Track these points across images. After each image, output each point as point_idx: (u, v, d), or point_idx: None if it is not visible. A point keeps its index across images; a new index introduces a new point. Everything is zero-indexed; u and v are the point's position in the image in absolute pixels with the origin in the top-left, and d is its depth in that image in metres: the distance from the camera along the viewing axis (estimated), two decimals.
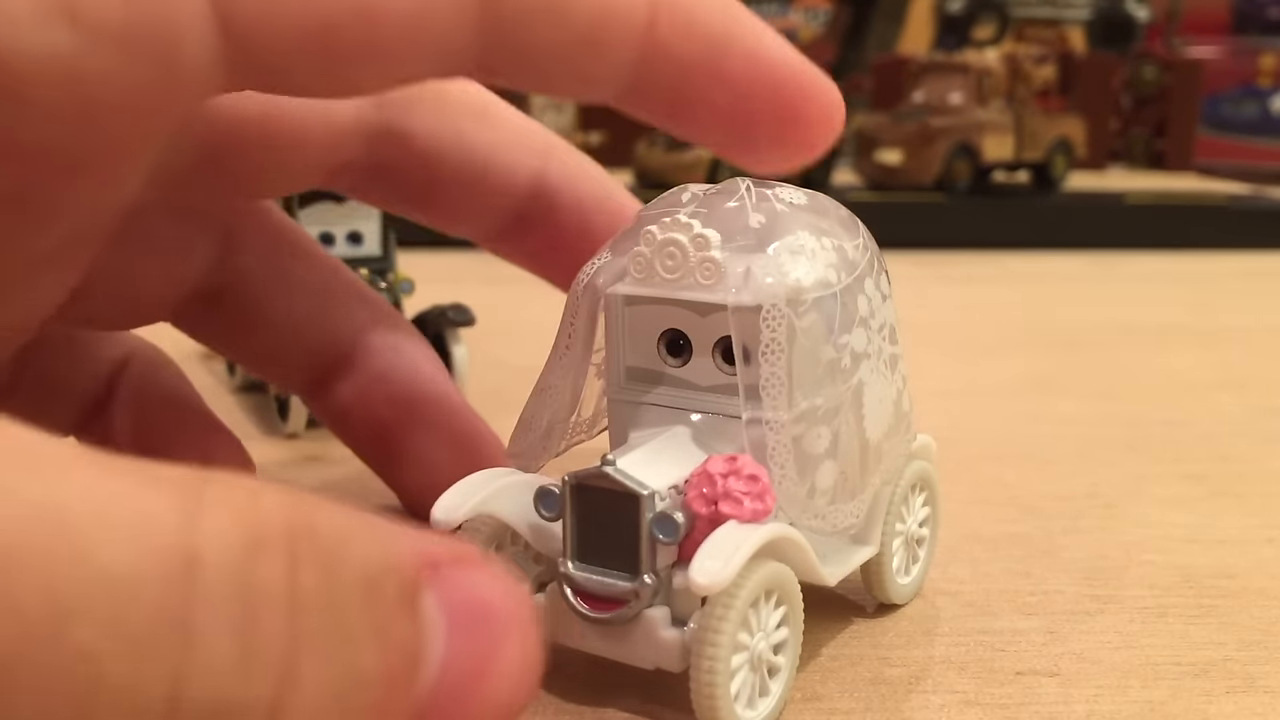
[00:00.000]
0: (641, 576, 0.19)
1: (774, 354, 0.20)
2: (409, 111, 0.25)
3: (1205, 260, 0.80)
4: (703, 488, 0.19)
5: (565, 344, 0.22)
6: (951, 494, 0.24)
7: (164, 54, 0.17)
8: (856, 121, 1.01)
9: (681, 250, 0.20)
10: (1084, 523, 0.30)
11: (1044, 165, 0.97)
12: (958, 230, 0.85)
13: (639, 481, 0.19)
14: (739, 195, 0.21)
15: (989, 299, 0.67)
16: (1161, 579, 0.27)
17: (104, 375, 0.27)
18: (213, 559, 0.12)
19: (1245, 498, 0.32)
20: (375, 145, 0.25)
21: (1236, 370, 0.49)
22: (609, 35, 0.21)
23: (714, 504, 0.19)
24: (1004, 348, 0.52)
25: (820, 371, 0.20)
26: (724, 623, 0.18)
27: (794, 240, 0.20)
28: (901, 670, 0.22)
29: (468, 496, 0.20)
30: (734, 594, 0.19)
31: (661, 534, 0.19)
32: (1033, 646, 0.23)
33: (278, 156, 0.23)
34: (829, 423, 0.21)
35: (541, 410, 0.22)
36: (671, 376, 0.22)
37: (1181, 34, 1.36)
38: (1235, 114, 1.29)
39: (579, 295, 0.21)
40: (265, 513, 0.13)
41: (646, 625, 0.19)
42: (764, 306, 0.20)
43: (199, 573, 0.12)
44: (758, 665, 0.19)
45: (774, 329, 0.20)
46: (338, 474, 0.29)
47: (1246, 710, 0.21)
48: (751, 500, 0.19)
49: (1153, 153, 1.31)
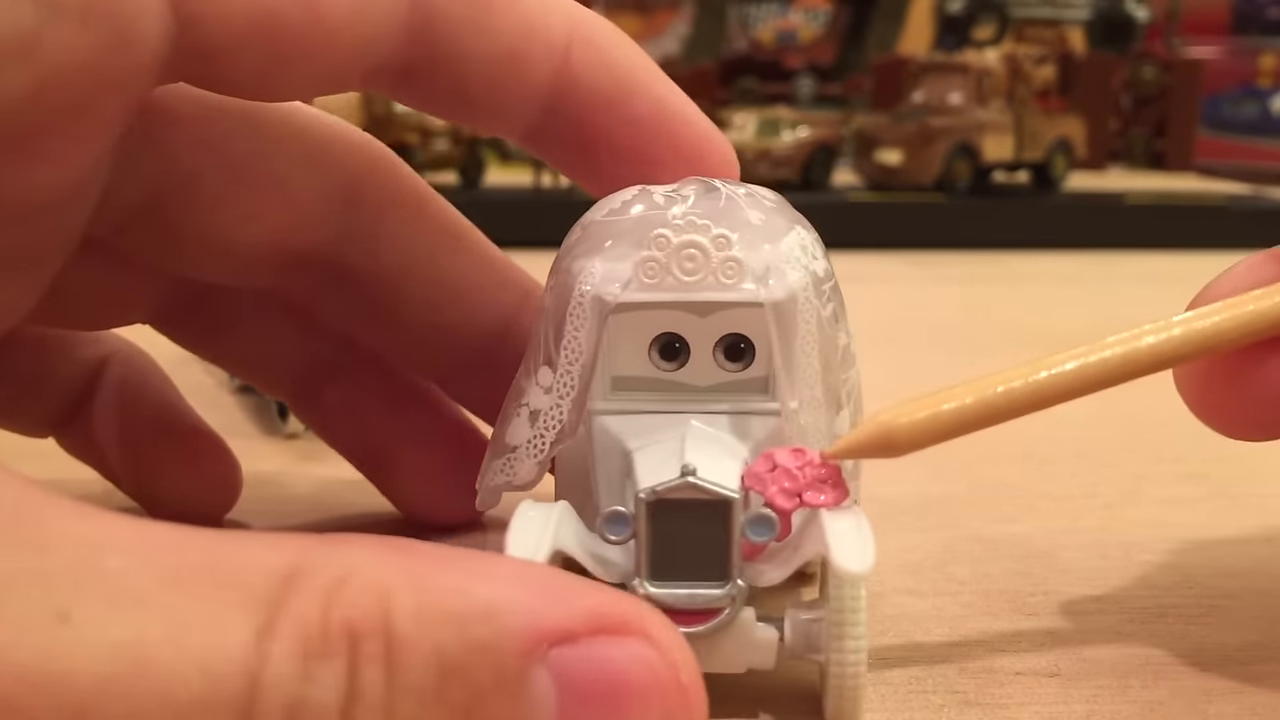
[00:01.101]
0: (735, 580, 0.19)
1: (809, 344, 0.20)
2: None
3: (1205, 260, 0.80)
4: (782, 481, 0.19)
5: (567, 361, 0.21)
6: (952, 494, 0.24)
7: (120, 29, 0.17)
8: (857, 121, 1.01)
9: (703, 251, 0.20)
10: (1084, 523, 0.30)
11: (1044, 165, 0.97)
12: (958, 230, 0.85)
13: (726, 486, 0.19)
14: (722, 193, 0.21)
15: (989, 299, 0.67)
16: (1161, 579, 0.27)
17: (82, 375, 0.27)
18: (270, 679, 0.12)
19: (1245, 498, 0.32)
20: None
21: None
22: (529, 55, 0.21)
23: (797, 496, 0.19)
24: (1004, 348, 0.52)
25: (840, 356, 0.22)
26: (860, 613, 0.18)
27: (796, 235, 0.21)
28: (902, 670, 0.22)
29: (538, 538, 0.18)
30: (859, 582, 0.19)
31: (755, 535, 0.19)
32: (1033, 646, 0.23)
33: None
34: (849, 405, 0.22)
35: (537, 435, 0.21)
36: (665, 381, 0.21)
37: (1181, 34, 1.36)
38: (1235, 114, 1.29)
39: (584, 308, 0.20)
40: (338, 615, 0.13)
41: (742, 627, 0.19)
42: (798, 299, 0.20)
43: (257, 695, 0.12)
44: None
45: (807, 320, 0.20)
46: (337, 475, 0.29)
47: (1246, 711, 0.21)
48: (832, 488, 0.19)
49: (1153, 153, 1.31)
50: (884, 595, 0.25)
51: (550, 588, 0.14)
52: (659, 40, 1.34)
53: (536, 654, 0.13)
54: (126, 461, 0.27)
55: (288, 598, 0.13)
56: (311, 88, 0.21)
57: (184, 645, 0.12)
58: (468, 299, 0.25)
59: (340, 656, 0.13)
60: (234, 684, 0.12)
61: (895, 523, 0.30)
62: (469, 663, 0.13)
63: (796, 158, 0.95)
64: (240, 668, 0.12)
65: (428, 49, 0.20)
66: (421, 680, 0.13)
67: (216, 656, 0.12)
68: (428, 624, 0.13)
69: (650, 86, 0.22)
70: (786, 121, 0.97)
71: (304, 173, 0.24)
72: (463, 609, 0.13)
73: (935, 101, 0.95)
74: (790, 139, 0.95)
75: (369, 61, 0.20)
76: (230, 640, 0.12)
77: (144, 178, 0.22)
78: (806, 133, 0.96)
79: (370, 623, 0.13)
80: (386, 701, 0.13)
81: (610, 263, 0.21)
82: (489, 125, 0.23)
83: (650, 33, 1.34)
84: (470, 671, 0.13)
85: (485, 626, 0.13)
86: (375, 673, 0.13)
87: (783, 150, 0.94)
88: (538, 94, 0.22)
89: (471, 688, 0.13)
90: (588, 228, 0.22)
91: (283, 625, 0.13)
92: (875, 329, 0.57)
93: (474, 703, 0.13)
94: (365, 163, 0.24)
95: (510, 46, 0.21)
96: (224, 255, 0.24)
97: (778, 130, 0.95)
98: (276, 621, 0.13)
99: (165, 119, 0.22)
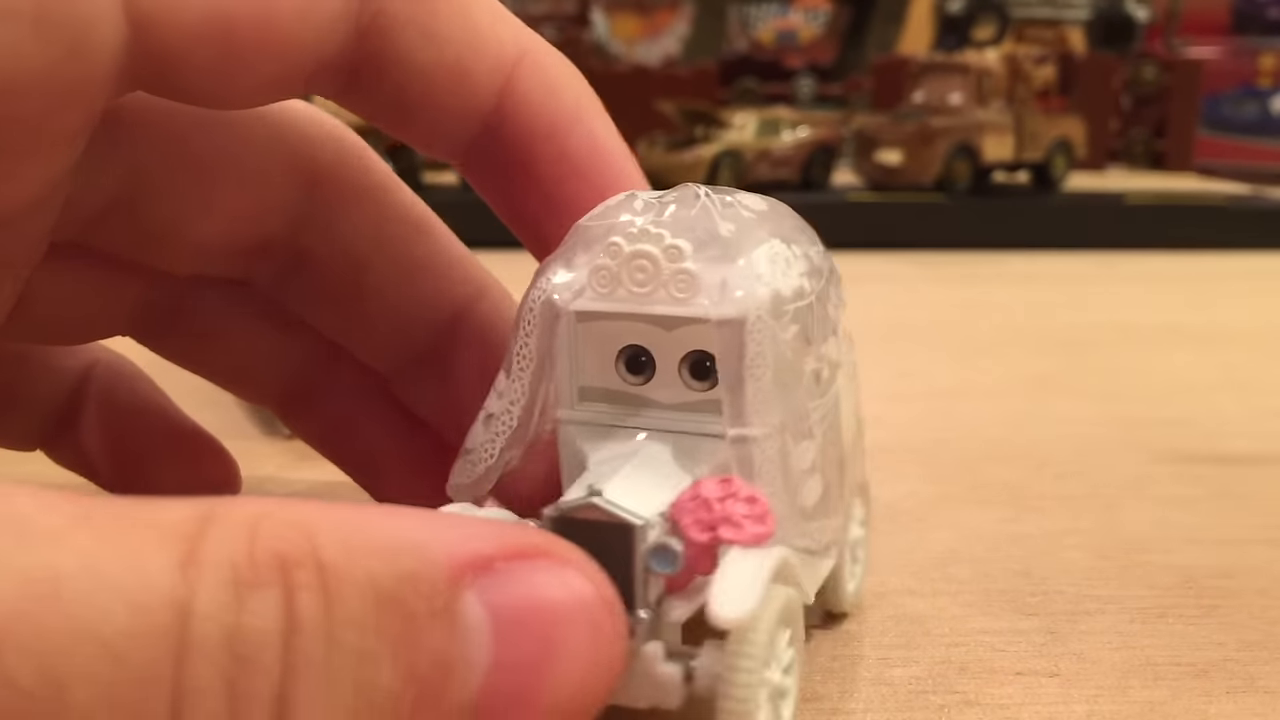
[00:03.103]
0: (636, 612, 0.18)
1: (760, 367, 0.19)
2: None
3: (1205, 260, 0.80)
4: (699, 513, 0.18)
5: (519, 367, 0.20)
6: (952, 494, 0.24)
7: (75, 37, 0.17)
8: (857, 121, 1.01)
9: (653, 262, 0.19)
10: (1084, 523, 0.30)
11: (1044, 165, 0.97)
12: (958, 230, 0.85)
13: (631, 511, 0.18)
14: (701, 202, 0.20)
15: (989, 299, 0.67)
16: (1161, 579, 0.27)
17: (66, 387, 0.27)
18: (203, 609, 0.12)
19: (1245, 498, 0.32)
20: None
21: (1236, 370, 0.49)
22: (474, 68, 0.21)
23: (712, 529, 0.18)
24: (1004, 348, 0.52)
25: (804, 383, 0.19)
26: (752, 660, 0.17)
27: (768, 249, 0.19)
28: (902, 670, 0.22)
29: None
30: (758, 626, 0.17)
31: (658, 565, 0.18)
32: (1033, 646, 0.23)
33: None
34: (813, 436, 0.20)
35: (490, 439, 0.21)
36: (632, 395, 0.20)
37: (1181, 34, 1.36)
38: (1235, 114, 1.29)
39: (534, 313, 0.20)
40: (262, 546, 0.13)
41: (644, 662, 0.18)
42: (748, 319, 0.18)
43: (190, 626, 0.12)
44: (775, 698, 0.18)
45: (759, 342, 0.19)
46: (337, 477, 0.29)
47: (1246, 710, 0.21)
48: (753, 524, 0.18)
49: (1153, 153, 1.31)
50: (884, 595, 0.25)
51: (463, 523, 0.15)
52: (659, 40, 1.34)
53: (464, 582, 0.14)
54: (119, 469, 0.27)
55: (207, 531, 0.13)
56: (265, 90, 0.20)
57: (102, 576, 0.12)
58: (420, 288, 0.25)
59: (274, 586, 0.13)
60: (163, 615, 0.12)
61: (895, 523, 0.30)
62: (401, 592, 0.13)
63: (796, 158, 0.95)
64: (167, 598, 0.12)
65: (373, 51, 0.20)
66: (360, 611, 0.13)
67: (139, 586, 0.12)
68: (356, 555, 0.13)
69: (590, 120, 0.22)
70: (786, 121, 0.97)
71: (265, 162, 0.23)
72: (387, 542, 0.13)
73: (935, 101, 0.95)
74: (790, 139, 0.95)
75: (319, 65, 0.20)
76: (151, 570, 0.12)
77: (107, 177, 0.22)
78: (806, 133, 0.96)
79: (299, 553, 0.13)
80: (328, 631, 0.13)
81: (572, 270, 0.20)
82: (429, 139, 0.22)
83: (650, 33, 1.34)
84: (404, 601, 0.13)
85: (411, 557, 0.13)
86: (312, 601, 0.13)
87: (783, 150, 0.94)
88: (480, 109, 0.21)
89: (407, 618, 0.13)
90: (574, 231, 0.21)
91: (206, 556, 0.12)
92: (875, 329, 0.57)
93: (411, 633, 0.13)
94: (328, 149, 0.24)
95: (456, 56, 0.21)
96: (186, 246, 0.24)
97: (778, 130, 0.95)
98: (199, 553, 0.12)
99: (126, 117, 0.22)
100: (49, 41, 0.17)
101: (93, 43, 0.17)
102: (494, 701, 0.14)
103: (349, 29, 0.20)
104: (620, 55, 1.32)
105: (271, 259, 0.24)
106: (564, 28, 1.24)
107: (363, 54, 0.20)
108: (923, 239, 0.84)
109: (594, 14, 1.32)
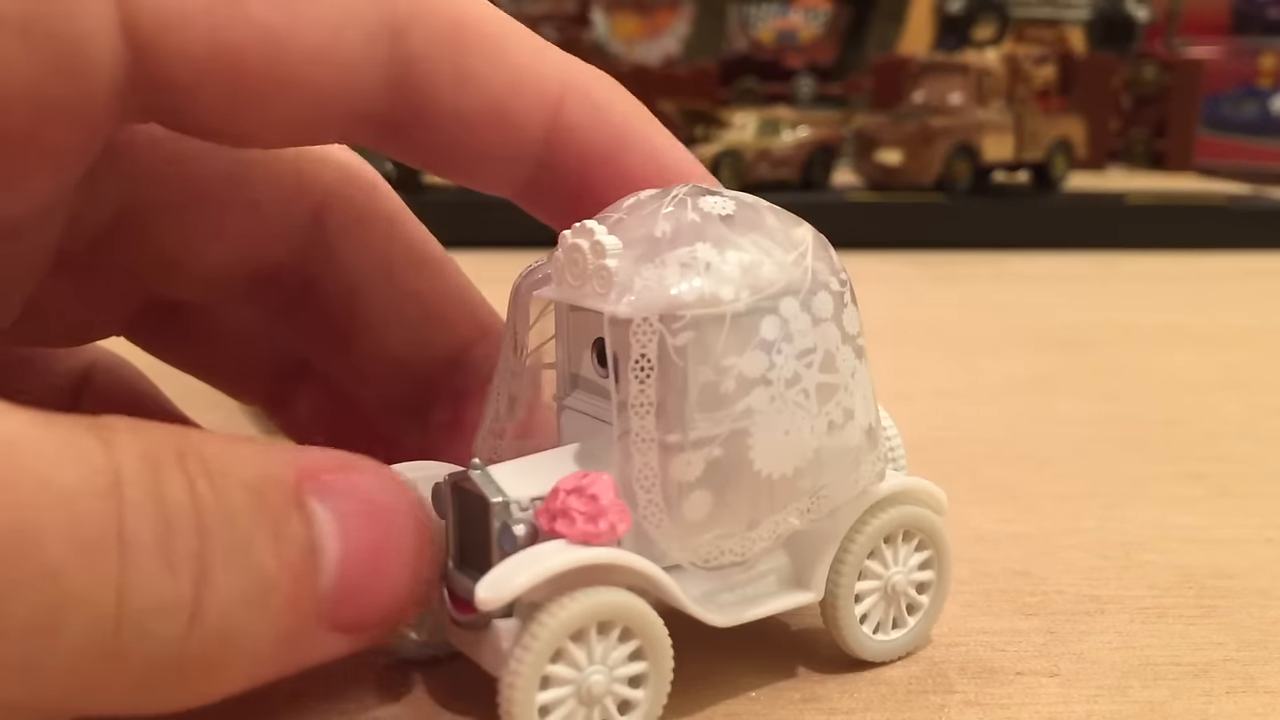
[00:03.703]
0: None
1: (642, 370, 0.19)
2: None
3: (1205, 260, 0.80)
4: (550, 502, 0.19)
5: (505, 346, 0.22)
6: (951, 494, 0.24)
7: (67, 53, 0.17)
8: (857, 121, 1.01)
9: (582, 257, 0.19)
10: (1084, 523, 0.30)
11: (1044, 165, 0.97)
12: (958, 230, 0.85)
13: (495, 487, 0.19)
14: (665, 199, 0.20)
15: (989, 299, 0.67)
16: (1161, 579, 0.27)
17: (66, 389, 0.27)
18: (130, 476, 0.15)
19: (1245, 498, 0.32)
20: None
21: (1236, 370, 0.49)
22: (517, 108, 0.21)
23: (553, 520, 0.19)
24: (1004, 348, 0.52)
25: (695, 394, 0.19)
26: (527, 652, 0.18)
27: (688, 252, 0.19)
28: (902, 670, 0.22)
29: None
30: (543, 621, 0.18)
31: (503, 544, 0.19)
32: (1033, 646, 0.23)
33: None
34: (702, 450, 0.19)
35: (489, 409, 0.22)
36: (601, 386, 0.21)
37: (1181, 34, 1.36)
38: (1235, 114, 1.29)
39: (514, 298, 0.21)
40: (159, 440, 0.15)
41: (494, 635, 0.19)
42: (634, 320, 0.18)
43: (124, 489, 0.15)
44: (590, 700, 0.19)
45: (644, 344, 0.19)
46: None
47: (1246, 710, 0.21)
48: (584, 521, 0.18)
49: (1153, 153, 1.31)
50: None
51: (292, 448, 0.18)
52: (659, 40, 1.34)
53: (307, 487, 0.17)
54: None
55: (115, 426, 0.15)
56: (282, 132, 0.20)
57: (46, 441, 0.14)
58: (421, 324, 0.25)
59: (175, 469, 0.15)
60: (103, 479, 0.14)
61: None
62: (264, 488, 0.16)
63: (796, 158, 0.95)
64: (102, 465, 0.14)
65: (409, 101, 0.20)
66: (240, 500, 0.16)
67: (77, 456, 0.14)
68: (228, 461, 0.16)
69: (647, 138, 0.22)
70: (786, 121, 0.97)
71: (272, 191, 0.23)
72: (246, 455, 0.16)
73: (935, 101, 0.95)
74: (790, 139, 0.95)
75: (346, 110, 0.20)
76: (83, 444, 0.14)
77: (112, 198, 0.22)
78: (806, 133, 0.96)
79: (185, 450, 0.15)
80: (223, 513, 0.15)
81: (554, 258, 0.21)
82: (483, 181, 0.22)
83: (650, 32, 1.34)
84: (268, 497, 0.16)
85: (265, 463, 0.16)
86: (206, 487, 0.15)
87: (783, 150, 0.94)
88: (529, 149, 0.21)
89: (272, 509, 0.16)
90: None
91: (120, 443, 0.15)
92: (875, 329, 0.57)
93: (279, 522, 0.16)
94: (337, 179, 0.24)
95: (496, 99, 0.20)
96: (191, 272, 0.24)
97: (778, 130, 0.95)
98: (114, 441, 0.15)
99: (135, 140, 0.22)
100: (37, 52, 0.17)
101: (86, 59, 0.17)
102: (349, 584, 0.17)
103: (377, 78, 0.19)
104: (620, 55, 1.32)
105: (279, 287, 0.24)
106: (564, 28, 1.24)
107: (402, 106, 0.20)
108: (923, 239, 0.84)
109: (594, 14, 1.32)
